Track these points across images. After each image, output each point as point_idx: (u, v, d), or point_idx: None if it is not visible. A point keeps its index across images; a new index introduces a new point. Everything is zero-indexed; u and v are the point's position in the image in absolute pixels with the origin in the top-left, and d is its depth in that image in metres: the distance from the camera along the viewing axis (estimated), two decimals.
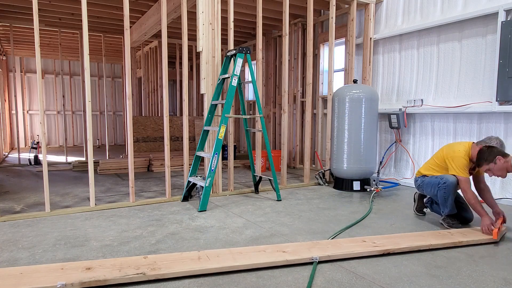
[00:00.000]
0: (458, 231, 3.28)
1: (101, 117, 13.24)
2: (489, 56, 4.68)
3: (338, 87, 5.54)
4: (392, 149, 6.02)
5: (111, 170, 6.76)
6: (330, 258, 2.65)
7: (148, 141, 8.44)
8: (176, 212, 4.05)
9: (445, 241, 2.96)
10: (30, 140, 12.09)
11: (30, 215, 3.83)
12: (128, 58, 4.24)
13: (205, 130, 4.63)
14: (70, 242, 3.07)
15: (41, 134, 4.04)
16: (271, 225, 3.57)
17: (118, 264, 2.46)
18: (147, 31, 7.28)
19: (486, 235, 3.11)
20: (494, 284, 2.33)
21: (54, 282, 2.17)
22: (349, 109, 5.14)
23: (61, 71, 8.24)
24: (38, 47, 3.78)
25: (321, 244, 2.88)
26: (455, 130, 5.11)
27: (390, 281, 2.36)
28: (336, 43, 6.61)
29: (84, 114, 7.46)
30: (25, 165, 7.70)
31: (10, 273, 2.30)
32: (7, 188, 5.29)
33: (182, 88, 4.79)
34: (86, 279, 2.22)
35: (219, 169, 4.86)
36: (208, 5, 4.65)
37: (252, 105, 9.48)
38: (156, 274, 2.33)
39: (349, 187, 5.21)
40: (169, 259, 2.56)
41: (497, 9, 4.45)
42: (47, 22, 7.63)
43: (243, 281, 2.36)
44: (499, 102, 4.49)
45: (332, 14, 5.58)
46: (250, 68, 4.56)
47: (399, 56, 5.84)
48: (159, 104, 9.68)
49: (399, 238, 3.06)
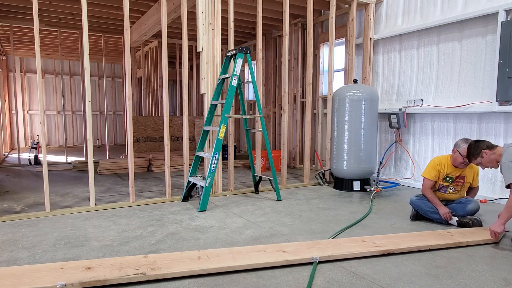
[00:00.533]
0: (458, 231, 3.28)
1: (101, 117, 13.23)
2: (489, 56, 4.68)
3: (338, 87, 5.54)
4: (392, 149, 6.02)
5: (111, 170, 6.76)
6: (330, 258, 2.65)
7: (148, 141, 8.44)
8: (176, 212, 4.05)
9: (445, 242, 2.96)
10: (30, 140, 12.09)
11: (30, 215, 3.83)
12: (128, 58, 4.24)
13: (205, 130, 4.63)
14: (70, 242, 3.07)
15: (41, 134, 4.04)
16: (271, 225, 3.56)
17: (118, 264, 2.46)
18: (147, 31, 7.28)
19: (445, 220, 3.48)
20: (494, 284, 2.33)
21: (54, 282, 2.17)
22: (349, 109, 5.14)
23: (61, 71, 8.24)
24: (38, 47, 3.78)
25: (321, 244, 2.88)
26: (455, 130, 5.11)
27: (390, 281, 2.36)
28: (336, 43, 6.61)
29: (84, 114, 7.46)
30: (25, 165, 7.70)
31: (10, 273, 2.30)
32: (7, 188, 5.29)
33: (182, 88, 4.79)
34: (86, 279, 2.22)
35: (219, 169, 4.86)
36: (208, 5, 4.65)
37: (252, 105, 9.48)
38: (156, 274, 2.33)
39: (349, 187, 5.20)
40: (169, 259, 2.56)
41: (497, 9, 4.45)
42: (47, 22, 7.63)
43: (243, 281, 2.36)
44: (499, 102, 4.49)
45: (332, 14, 5.58)
46: (250, 68, 4.56)
47: (399, 56, 5.84)
48: (159, 104, 9.68)
49: (399, 238, 3.06)
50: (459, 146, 3.53)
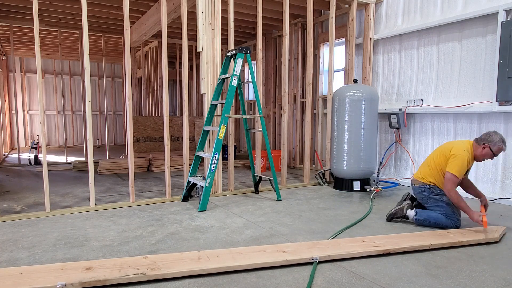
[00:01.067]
0: (458, 231, 3.28)
1: (101, 117, 13.23)
2: (489, 56, 4.68)
3: (338, 87, 5.54)
4: (392, 149, 6.02)
5: (111, 170, 6.76)
6: (330, 258, 2.65)
7: (148, 141, 8.44)
8: (176, 212, 4.05)
9: (445, 241, 2.97)
10: (30, 140, 12.10)
11: (30, 215, 3.83)
12: (128, 58, 4.24)
13: (205, 130, 4.63)
14: (70, 242, 3.07)
15: (41, 134, 4.04)
16: (271, 225, 3.57)
17: (118, 264, 2.46)
18: (147, 31, 7.28)
19: (480, 229, 3.29)
20: (494, 284, 2.33)
21: (54, 282, 2.17)
22: (349, 109, 5.14)
23: (61, 71, 8.24)
24: (38, 47, 3.78)
25: (321, 244, 2.88)
26: (455, 130, 5.11)
27: (390, 281, 2.36)
28: (336, 43, 6.61)
29: (84, 114, 7.46)
30: (25, 165, 7.70)
31: (10, 273, 2.30)
32: (7, 188, 5.29)
33: (182, 88, 4.79)
34: (86, 279, 2.22)
35: (219, 169, 4.86)
36: (208, 5, 4.65)
37: (252, 105, 9.48)
38: (156, 274, 2.33)
39: (349, 187, 5.21)
40: (169, 259, 2.56)
41: (497, 9, 4.45)
42: (47, 22, 7.63)
43: (243, 281, 2.36)
44: (499, 102, 4.49)
45: (332, 14, 5.58)
46: (250, 68, 4.56)
47: (399, 56, 5.84)
48: (159, 104, 9.68)
49: (399, 238, 3.06)
50: (494, 143, 3.24)
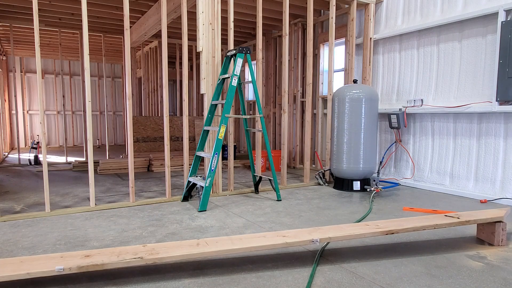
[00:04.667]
0: (467, 213, 3.22)
1: (101, 117, 13.24)
2: (489, 56, 4.68)
3: (338, 87, 5.54)
4: (392, 149, 6.02)
5: (111, 170, 6.76)
6: (331, 240, 2.60)
7: (148, 141, 8.45)
8: (176, 212, 4.05)
9: (450, 221, 2.90)
10: (30, 140, 12.10)
11: (30, 215, 3.83)
12: (128, 58, 4.24)
13: (205, 130, 4.63)
14: (70, 242, 3.07)
15: (41, 134, 4.04)
16: (271, 225, 3.57)
17: (117, 252, 2.45)
18: (147, 31, 7.28)
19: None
20: (494, 284, 2.33)
21: (52, 267, 2.18)
22: (349, 109, 5.15)
23: (61, 71, 8.24)
24: (38, 47, 3.78)
25: (322, 229, 2.82)
26: (455, 130, 5.11)
27: (390, 281, 2.36)
28: (336, 43, 6.61)
29: (84, 114, 7.47)
30: (25, 165, 7.70)
31: (11, 262, 2.31)
32: (7, 188, 5.29)
33: (182, 88, 4.79)
34: (84, 263, 2.23)
35: (219, 169, 4.86)
36: (208, 5, 4.65)
37: (252, 105, 9.48)
38: (154, 258, 2.30)
39: (349, 187, 5.21)
40: (167, 246, 2.54)
41: (497, 9, 4.45)
42: (47, 22, 7.63)
43: (243, 281, 2.36)
44: (499, 102, 4.49)
45: (332, 14, 5.58)
46: (250, 68, 4.56)
47: (399, 56, 5.84)
48: (159, 104, 9.69)
49: (404, 221, 3.00)
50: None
